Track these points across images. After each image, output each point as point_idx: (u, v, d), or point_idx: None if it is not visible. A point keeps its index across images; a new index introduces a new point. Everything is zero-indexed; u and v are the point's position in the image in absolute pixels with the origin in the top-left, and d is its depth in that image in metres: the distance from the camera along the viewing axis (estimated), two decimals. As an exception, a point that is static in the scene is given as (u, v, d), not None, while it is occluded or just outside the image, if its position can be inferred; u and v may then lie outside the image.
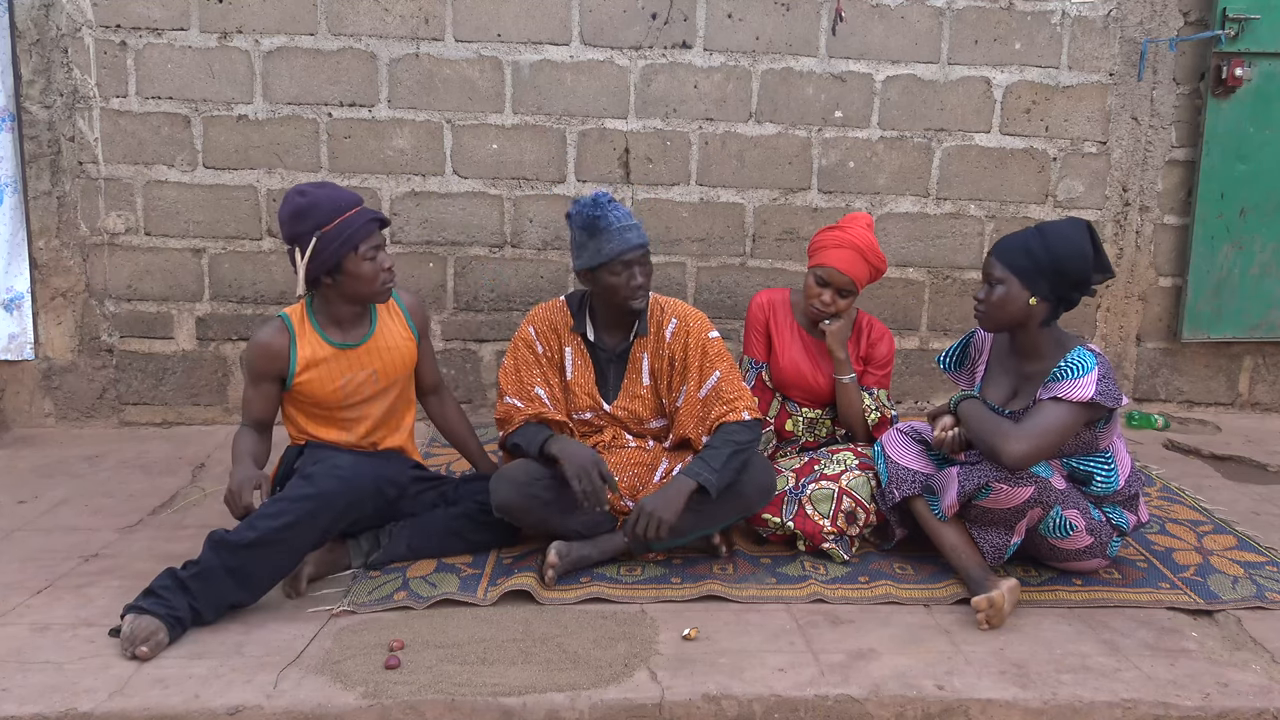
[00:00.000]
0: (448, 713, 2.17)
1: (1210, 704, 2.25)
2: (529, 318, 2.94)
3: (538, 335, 2.90)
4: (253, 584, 2.49)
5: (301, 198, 2.65)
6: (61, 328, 4.04)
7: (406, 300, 2.94)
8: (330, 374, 2.76)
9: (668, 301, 2.95)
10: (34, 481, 3.50)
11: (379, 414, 2.88)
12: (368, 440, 2.87)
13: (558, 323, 2.91)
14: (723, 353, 2.87)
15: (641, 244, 2.77)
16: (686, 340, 2.86)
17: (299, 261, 2.64)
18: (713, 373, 2.83)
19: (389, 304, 2.88)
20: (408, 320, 2.91)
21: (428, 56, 3.97)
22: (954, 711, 2.24)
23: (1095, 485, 2.69)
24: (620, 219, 2.75)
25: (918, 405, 4.39)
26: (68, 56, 3.86)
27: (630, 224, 2.76)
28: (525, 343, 2.90)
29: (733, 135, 4.11)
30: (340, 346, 2.77)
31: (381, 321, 2.85)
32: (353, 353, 2.79)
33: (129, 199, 3.98)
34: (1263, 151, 4.19)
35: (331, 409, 2.80)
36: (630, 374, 2.90)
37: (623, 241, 2.73)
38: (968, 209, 4.25)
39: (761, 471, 2.83)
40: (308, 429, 2.84)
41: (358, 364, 2.79)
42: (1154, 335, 4.42)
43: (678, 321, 2.89)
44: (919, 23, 4.08)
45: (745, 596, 2.67)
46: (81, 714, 2.11)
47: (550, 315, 2.93)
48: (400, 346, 2.88)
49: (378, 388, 2.84)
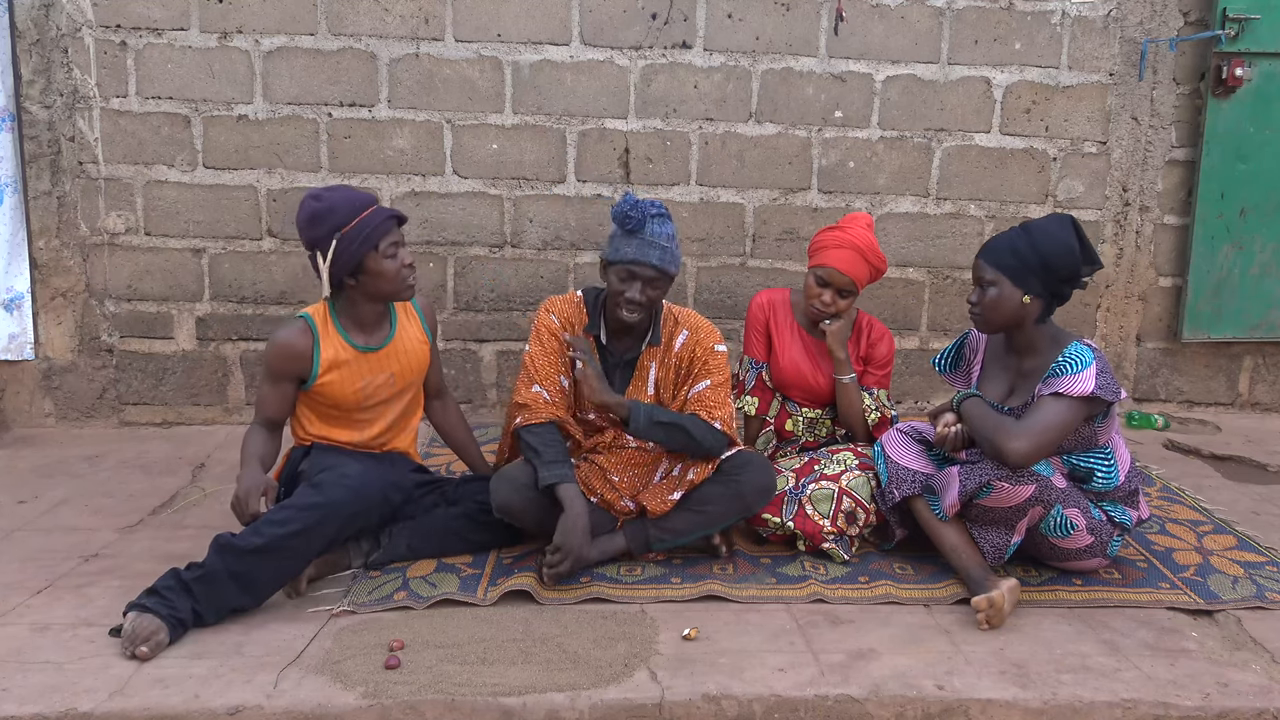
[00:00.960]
0: (448, 713, 2.17)
1: (1210, 704, 2.25)
2: (549, 306, 2.89)
3: (560, 325, 2.87)
4: (256, 589, 2.49)
5: (317, 202, 2.65)
6: (61, 328, 4.04)
7: (421, 303, 2.96)
8: (352, 376, 2.76)
9: (682, 313, 2.94)
10: (34, 481, 3.50)
11: (392, 416, 2.89)
12: (377, 441, 2.88)
13: (574, 319, 2.88)
14: (722, 367, 2.86)
15: (657, 265, 2.70)
16: (694, 351, 2.86)
17: (321, 266, 2.63)
18: (704, 380, 2.84)
19: (406, 307, 2.89)
20: (423, 322, 2.94)
21: (428, 56, 3.97)
22: (954, 711, 2.24)
23: (1096, 481, 2.70)
24: (653, 233, 2.70)
25: (918, 405, 4.39)
26: (68, 56, 3.86)
27: (660, 244, 2.71)
28: (550, 331, 2.85)
29: (733, 135, 4.11)
30: (363, 350, 2.77)
31: (400, 324, 2.86)
32: (374, 356, 2.79)
33: (129, 199, 3.98)
34: (1263, 151, 4.19)
35: (349, 410, 2.80)
36: (636, 380, 2.89)
37: (640, 253, 2.69)
38: (968, 209, 4.25)
39: (761, 472, 2.83)
40: (318, 429, 2.83)
41: (378, 367, 2.80)
42: (1154, 335, 4.42)
43: (689, 333, 2.89)
44: (919, 23, 4.08)
45: (745, 596, 2.67)
46: (81, 714, 2.11)
47: (567, 310, 2.89)
48: (416, 350, 2.89)
49: (394, 390, 2.85)
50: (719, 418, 2.79)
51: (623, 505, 2.86)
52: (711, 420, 2.78)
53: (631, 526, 2.84)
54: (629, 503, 2.86)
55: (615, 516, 2.87)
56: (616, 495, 2.86)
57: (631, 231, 2.70)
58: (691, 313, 2.96)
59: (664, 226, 2.73)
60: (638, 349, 2.89)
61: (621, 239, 2.72)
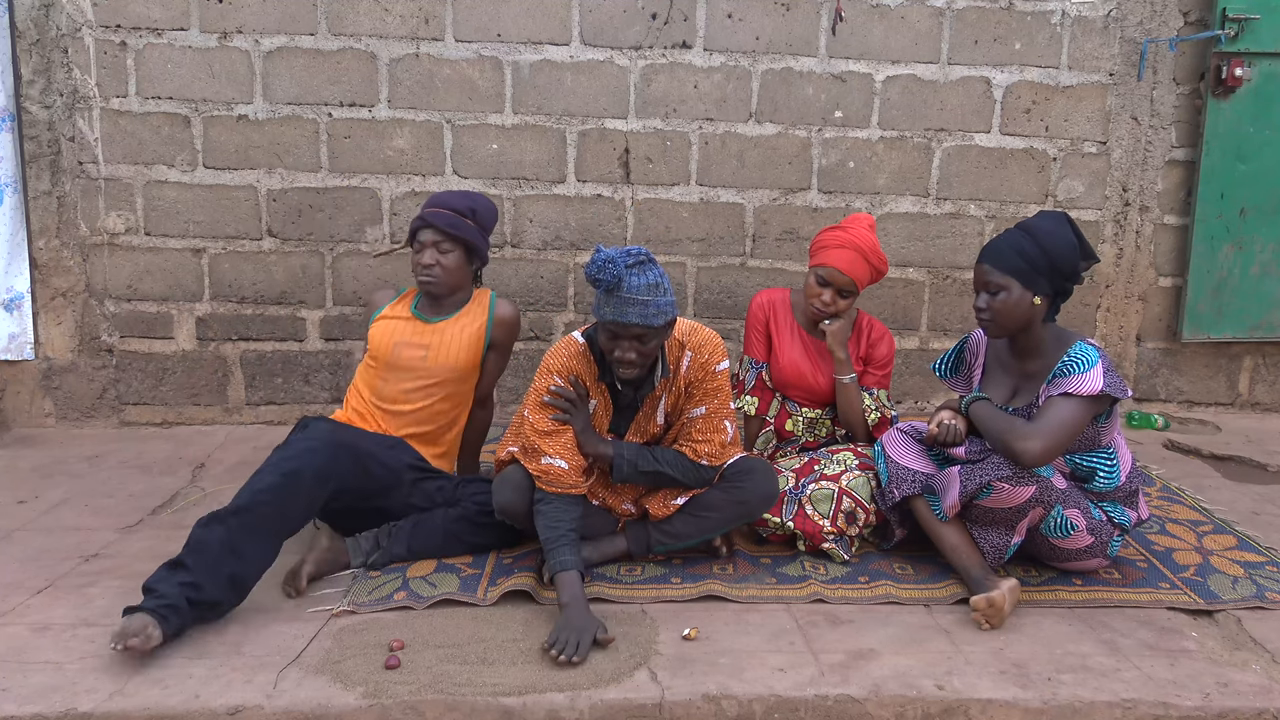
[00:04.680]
0: (448, 713, 2.17)
1: (1210, 704, 2.25)
2: (548, 367, 2.69)
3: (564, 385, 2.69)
4: (246, 554, 2.46)
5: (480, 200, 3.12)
6: (61, 328, 4.04)
7: (502, 309, 3.11)
8: (394, 331, 3.03)
9: (684, 332, 2.74)
10: (34, 481, 3.50)
11: (421, 403, 2.98)
12: (397, 424, 2.98)
13: (582, 371, 2.71)
14: (721, 388, 2.75)
15: (637, 324, 2.49)
16: (697, 373, 2.74)
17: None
18: (700, 405, 2.74)
19: (480, 303, 3.10)
20: (488, 324, 3.08)
21: (428, 56, 3.97)
22: (954, 711, 2.24)
23: (1098, 482, 2.69)
24: (632, 289, 2.47)
25: (918, 405, 4.39)
26: (68, 56, 3.86)
27: (639, 299, 2.48)
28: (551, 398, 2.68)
29: (733, 135, 4.11)
30: (417, 316, 3.06)
31: (463, 315, 3.07)
32: (421, 325, 3.04)
33: (129, 199, 3.98)
34: (1263, 151, 4.19)
35: (381, 360, 3.00)
36: (646, 410, 2.80)
37: (618, 313, 2.49)
38: (968, 209, 4.25)
39: (764, 480, 2.82)
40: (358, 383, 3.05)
41: (420, 336, 3.01)
42: (1154, 335, 4.42)
43: (692, 355, 2.73)
44: (919, 23, 4.08)
45: (745, 596, 2.67)
46: (81, 714, 2.11)
47: (571, 364, 2.69)
48: (462, 341, 3.03)
49: (424, 365, 2.97)
50: (704, 454, 2.72)
51: (624, 508, 2.86)
52: (697, 458, 2.72)
53: (634, 528, 2.83)
54: (630, 506, 2.86)
55: (616, 518, 2.87)
56: (618, 499, 2.86)
57: (608, 290, 2.50)
58: (695, 328, 2.77)
59: (642, 277, 2.49)
60: (651, 386, 2.75)
61: (602, 296, 2.52)
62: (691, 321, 2.79)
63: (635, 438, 2.81)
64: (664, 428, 2.82)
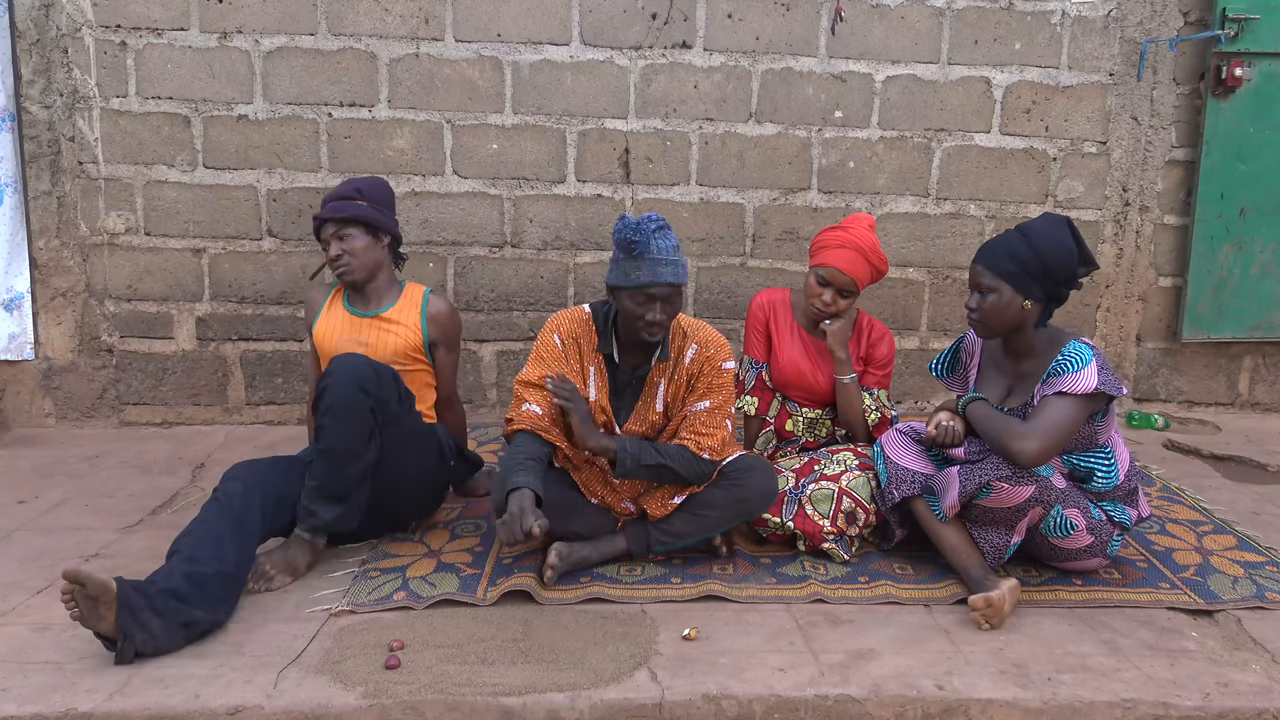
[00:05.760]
0: (448, 713, 2.17)
1: (1210, 704, 2.25)
2: (553, 325, 2.81)
3: (564, 346, 2.79)
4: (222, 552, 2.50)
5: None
6: (61, 328, 4.04)
7: (435, 304, 3.15)
8: (337, 327, 3.10)
9: (690, 325, 2.84)
10: (34, 481, 3.50)
11: None
12: None
13: (582, 338, 2.79)
14: (726, 385, 2.79)
15: (672, 282, 2.62)
16: (703, 367, 2.77)
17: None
18: (704, 399, 2.77)
19: (412, 296, 3.14)
20: (422, 316, 3.11)
21: (428, 56, 3.97)
22: (954, 711, 2.24)
23: (1096, 481, 2.69)
24: (660, 250, 2.61)
25: (918, 405, 4.39)
26: (68, 56, 3.86)
27: (669, 259, 2.61)
28: (550, 354, 2.78)
29: (733, 135, 4.11)
30: (351, 312, 3.12)
31: (396, 307, 3.11)
32: (358, 320, 3.10)
33: (129, 199, 3.98)
34: (1263, 151, 4.19)
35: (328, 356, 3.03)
36: (645, 397, 2.82)
37: (652, 274, 2.59)
38: (968, 209, 4.25)
39: (763, 478, 2.83)
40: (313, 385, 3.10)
41: (357, 331, 3.08)
42: (1154, 335, 4.42)
43: (698, 348, 2.78)
44: (919, 23, 4.08)
45: (745, 596, 2.67)
46: (81, 714, 2.11)
47: (575, 328, 2.80)
48: (399, 334, 3.07)
49: None
50: (707, 447, 2.74)
51: (623, 507, 2.86)
52: (700, 451, 2.73)
53: (633, 528, 2.84)
54: (630, 504, 2.86)
55: (616, 518, 2.87)
56: (617, 498, 2.86)
57: (636, 254, 2.60)
58: (702, 325, 2.85)
59: (667, 239, 2.64)
60: (647, 365, 2.80)
61: (628, 263, 2.62)
62: (697, 319, 2.81)
63: (636, 424, 2.82)
64: (664, 418, 2.84)
